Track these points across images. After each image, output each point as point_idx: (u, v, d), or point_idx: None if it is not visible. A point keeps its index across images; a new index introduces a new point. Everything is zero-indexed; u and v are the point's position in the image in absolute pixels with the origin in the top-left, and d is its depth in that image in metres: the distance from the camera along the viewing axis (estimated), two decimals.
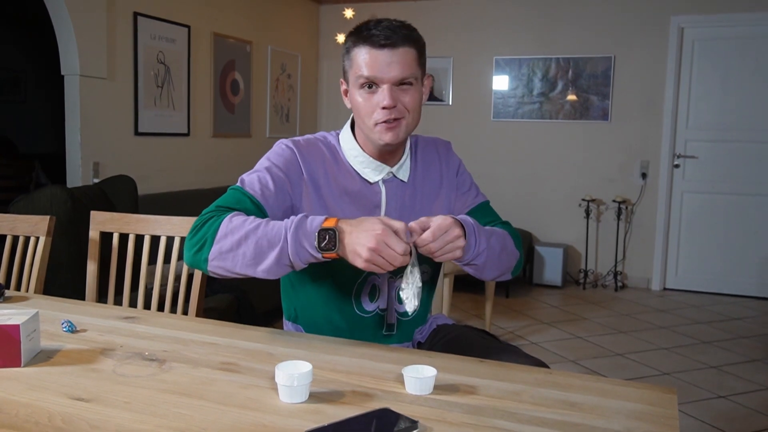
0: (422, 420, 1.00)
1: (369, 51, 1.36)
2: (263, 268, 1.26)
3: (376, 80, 1.36)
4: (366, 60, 1.36)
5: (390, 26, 1.36)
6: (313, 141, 1.50)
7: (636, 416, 1.04)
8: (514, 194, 5.78)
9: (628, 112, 5.43)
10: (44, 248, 1.99)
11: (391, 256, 1.18)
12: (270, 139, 5.68)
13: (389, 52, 1.35)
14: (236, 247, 1.27)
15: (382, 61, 1.35)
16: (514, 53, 5.72)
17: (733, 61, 5.16)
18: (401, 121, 1.39)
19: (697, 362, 3.69)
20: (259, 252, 1.26)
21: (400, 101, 1.38)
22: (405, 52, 1.36)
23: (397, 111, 1.38)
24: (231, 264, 1.28)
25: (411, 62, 1.38)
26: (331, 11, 6.28)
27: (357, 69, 1.38)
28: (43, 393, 1.09)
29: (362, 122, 1.42)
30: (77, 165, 3.80)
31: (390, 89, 1.36)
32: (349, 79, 1.42)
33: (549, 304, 4.96)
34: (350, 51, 1.40)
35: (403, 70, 1.36)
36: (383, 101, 1.36)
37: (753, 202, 5.18)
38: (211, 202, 1.40)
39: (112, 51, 3.98)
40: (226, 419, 1.00)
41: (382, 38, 1.35)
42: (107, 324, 1.49)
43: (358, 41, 1.38)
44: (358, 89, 1.40)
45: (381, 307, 1.50)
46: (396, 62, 1.35)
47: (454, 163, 1.60)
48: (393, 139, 1.40)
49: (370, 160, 1.47)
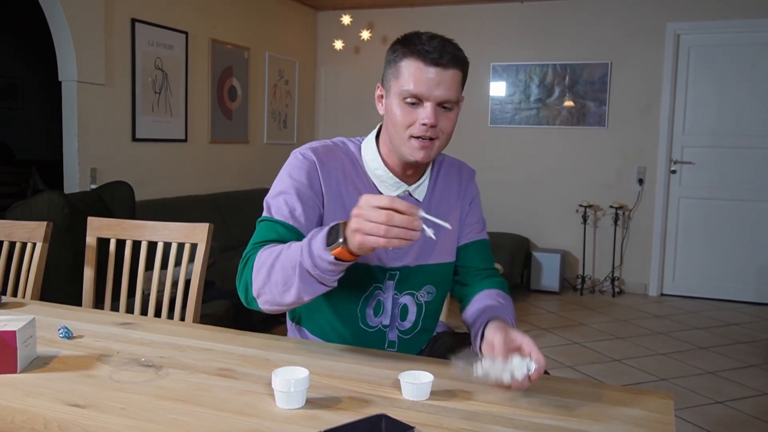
0: (419, 426, 1.00)
1: (419, 67, 1.32)
2: (295, 291, 1.22)
3: (422, 97, 1.33)
4: (415, 75, 1.32)
5: (443, 44, 1.33)
6: (331, 148, 1.46)
7: (633, 422, 1.04)
8: (512, 200, 5.79)
9: (624, 118, 5.45)
10: (41, 254, 1.99)
11: (374, 223, 1.08)
12: (268, 145, 5.69)
13: (439, 72, 1.32)
14: (268, 278, 1.25)
15: (431, 79, 1.32)
16: (511, 60, 5.74)
17: (728, 68, 5.18)
18: (435, 142, 1.37)
19: (694, 368, 3.69)
20: (286, 276, 1.22)
21: (439, 123, 1.35)
22: (453, 74, 1.34)
23: (434, 131, 1.35)
24: (271, 297, 1.27)
25: (457, 85, 1.36)
26: (329, 18, 6.30)
27: (403, 82, 1.34)
28: (40, 399, 1.09)
29: (395, 133, 1.38)
30: (75, 171, 3.80)
31: (434, 108, 1.33)
32: (391, 88, 1.38)
33: (546, 310, 4.96)
34: (398, 61, 1.36)
35: (449, 92, 1.34)
36: (425, 118, 1.33)
37: (750, 208, 5.20)
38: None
39: (110, 57, 3.99)
40: (222, 425, 1.00)
41: (435, 55, 1.31)
42: (104, 330, 1.49)
43: (409, 54, 1.34)
44: (399, 101, 1.36)
45: (384, 323, 1.49)
46: (444, 83, 1.33)
47: (471, 193, 1.58)
48: (424, 158, 1.38)
49: (389, 175, 1.44)
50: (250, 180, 5.47)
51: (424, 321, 1.53)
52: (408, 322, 1.51)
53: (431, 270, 1.50)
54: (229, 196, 4.96)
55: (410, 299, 1.50)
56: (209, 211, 4.57)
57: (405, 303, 1.49)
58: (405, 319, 1.50)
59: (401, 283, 1.48)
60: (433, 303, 1.54)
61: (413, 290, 1.49)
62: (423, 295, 1.51)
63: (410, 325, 1.51)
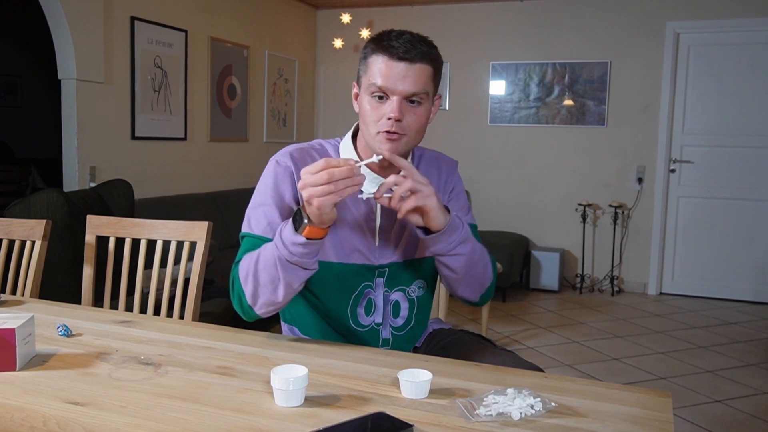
0: (417, 424, 1.00)
1: (385, 61, 1.34)
2: (283, 284, 1.30)
3: (388, 91, 1.35)
4: (381, 69, 1.35)
5: (411, 40, 1.35)
6: (307, 150, 1.48)
7: (631, 420, 1.04)
8: (511, 199, 5.79)
9: (624, 117, 5.45)
10: (40, 252, 1.99)
11: (320, 186, 1.17)
12: (267, 143, 5.69)
13: (405, 66, 1.33)
14: (257, 282, 1.32)
15: (397, 73, 1.34)
16: (511, 58, 5.74)
17: (728, 67, 5.18)
18: (402, 138, 1.38)
19: (692, 366, 3.69)
20: (271, 275, 1.29)
21: (405, 118, 1.36)
22: (421, 68, 1.35)
23: (400, 126, 1.36)
24: (266, 298, 1.33)
25: (425, 79, 1.36)
26: (329, 16, 6.30)
27: (371, 76, 1.37)
28: (38, 397, 1.09)
29: (366, 129, 1.41)
30: (74, 169, 3.80)
31: (399, 102, 1.35)
32: (362, 84, 1.41)
33: (545, 309, 4.96)
34: (367, 57, 1.39)
35: (415, 85, 1.34)
36: (390, 112, 1.35)
37: (749, 207, 5.20)
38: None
39: (109, 55, 3.98)
40: (221, 423, 1.00)
41: (401, 51, 1.33)
42: (103, 328, 1.49)
43: (377, 49, 1.36)
44: (368, 96, 1.38)
45: (376, 322, 1.49)
46: (410, 77, 1.34)
47: (450, 182, 1.58)
48: (391, 152, 1.38)
49: (367, 171, 1.45)
50: (250, 178, 5.47)
51: (417, 315, 1.54)
52: (401, 319, 1.51)
53: (420, 264, 1.51)
54: (229, 195, 4.96)
55: (401, 295, 1.50)
56: (208, 209, 4.57)
57: (396, 299, 1.50)
58: (398, 315, 1.50)
59: (391, 280, 1.48)
60: (423, 297, 1.55)
61: (404, 286, 1.50)
62: (414, 290, 1.51)
63: (403, 322, 1.51)
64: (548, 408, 1.06)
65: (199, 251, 1.89)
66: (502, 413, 1.04)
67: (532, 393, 1.10)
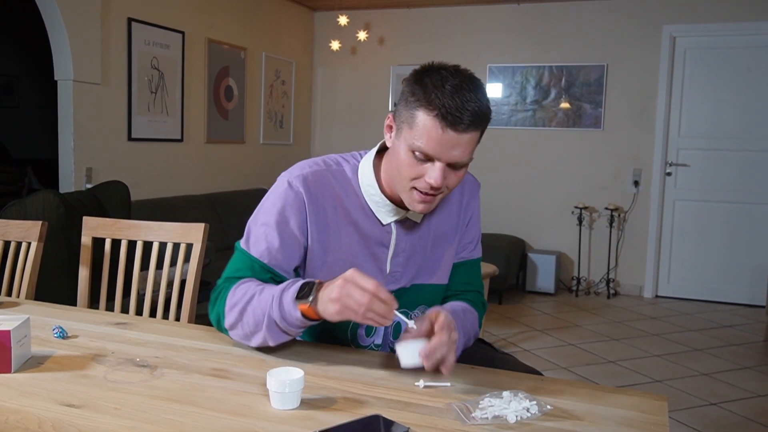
0: (413, 427, 1.00)
1: (436, 126, 1.19)
2: (261, 336, 1.29)
3: (433, 157, 1.23)
4: (430, 134, 1.20)
5: (465, 100, 1.19)
6: (323, 173, 1.38)
7: (627, 423, 1.05)
8: (507, 201, 5.80)
9: (620, 120, 5.47)
10: (36, 254, 1.98)
11: (357, 302, 1.14)
12: (264, 145, 5.68)
13: (457, 136, 1.20)
14: (240, 318, 1.30)
15: (447, 142, 1.20)
16: (508, 61, 5.75)
17: (724, 70, 5.20)
18: (438, 197, 1.30)
19: (688, 369, 3.70)
20: (256, 321, 1.28)
21: (446, 179, 1.26)
22: (472, 137, 1.23)
23: (438, 188, 1.27)
24: (243, 333, 1.33)
25: (473, 146, 1.26)
26: (326, 18, 6.30)
27: (416, 135, 1.22)
28: (34, 399, 1.08)
29: (398, 175, 1.29)
30: (70, 170, 3.79)
31: (443, 169, 1.23)
32: (402, 131, 1.25)
33: (542, 312, 4.97)
34: (413, 108, 1.22)
35: (463, 155, 1.24)
36: (432, 179, 1.24)
37: (745, 210, 5.22)
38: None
39: (106, 56, 3.98)
40: (217, 425, 1.00)
41: (455, 115, 1.18)
42: (99, 330, 1.49)
43: (427, 106, 1.20)
44: (408, 150, 1.25)
45: (376, 343, 1.48)
46: (461, 146, 1.22)
47: (470, 210, 1.51)
48: (424, 211, 1.33)
49: (386, 202, 1.38)
50: (246, 180, 5.47)
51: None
52: None
53: (426, 290, 1.48)
54: (225, 196, 4.95)
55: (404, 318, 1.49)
56: (205, 211, 4.57)
57: (398, 322, 1.48)
58: (398, 337, 1.49)
59: None
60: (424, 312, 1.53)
61: (407, 309, 1.46)
62: (417, 313, 1.48)
63: None
64: (544, 411, 1.07)
65: (195, 253, 1.89)
66: (497, 416, 1.04)
67: (528, 396, 1.10)
